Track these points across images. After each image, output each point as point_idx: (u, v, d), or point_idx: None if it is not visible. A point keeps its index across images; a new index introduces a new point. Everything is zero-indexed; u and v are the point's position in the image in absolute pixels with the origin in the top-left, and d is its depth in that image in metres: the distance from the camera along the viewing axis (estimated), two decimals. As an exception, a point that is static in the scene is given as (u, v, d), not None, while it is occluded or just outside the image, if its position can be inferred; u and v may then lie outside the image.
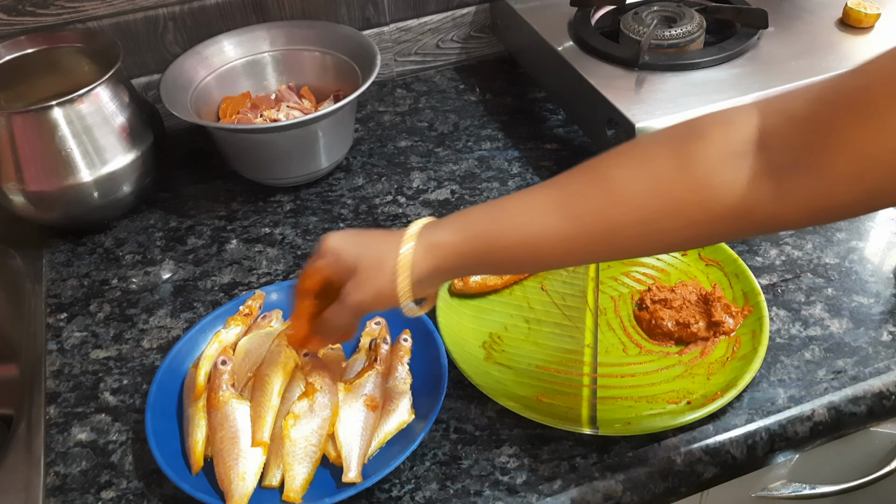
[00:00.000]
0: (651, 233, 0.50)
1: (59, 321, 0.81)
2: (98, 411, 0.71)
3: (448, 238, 0.54)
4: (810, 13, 0.95)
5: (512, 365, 0.72)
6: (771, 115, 0.48)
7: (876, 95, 0.42)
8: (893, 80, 0.42)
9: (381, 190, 0.95)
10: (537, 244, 0.53)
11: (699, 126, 0.50)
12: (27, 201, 0.84)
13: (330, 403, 0.65)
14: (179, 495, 0.63)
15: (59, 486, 0.65)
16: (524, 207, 0.54)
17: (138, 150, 0.87)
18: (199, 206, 0.94)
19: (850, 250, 0.81)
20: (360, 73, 0.94)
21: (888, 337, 0.72)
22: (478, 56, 1.18)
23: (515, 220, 0.53)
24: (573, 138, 1.01)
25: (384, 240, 0.57)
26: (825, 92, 0.46)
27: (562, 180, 0.53)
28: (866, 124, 0.43)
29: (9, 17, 0.93)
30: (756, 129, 0.48)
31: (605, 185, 0.51)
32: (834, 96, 0.45)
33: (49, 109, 0.81)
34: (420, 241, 0.55)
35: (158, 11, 0.99)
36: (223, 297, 0.82)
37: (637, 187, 0.50)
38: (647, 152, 0.52)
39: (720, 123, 0.49)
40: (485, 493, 0.62)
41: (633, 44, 0.90)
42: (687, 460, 0.64)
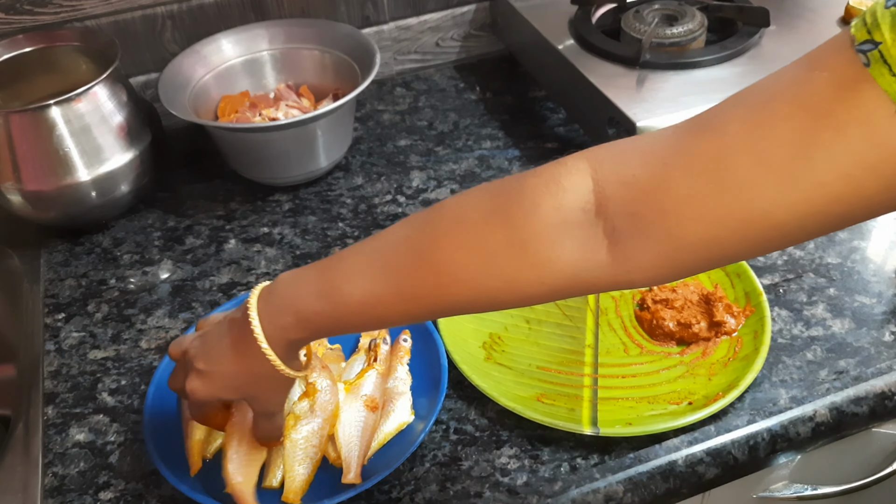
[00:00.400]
0: (488, 304, 0.49)
1: (57, 321, 0.80)
2: (96, 412, 0.71)
3: (287, 322, 0.52)
4: (812, 12, 0.95)
5: (512, 365, 0.71)
6: (607, 181, 0.45)
7: (734, 159, 0.40)
8: (749, 138, 0.40)
9: (381, 189, 0.94)
10: (378, 316, 0.51)
11: (529, 194, 0.46)
12: (25, 201, 0.84)
13: (330, 404, 0.65)
14: (178, 496, 0.63)
15: (57, 487, 0.65)
16: (356, 291, 0.51)
17: (136, 150, 0.86)
18: (198, 206, 0.94)
19: (852, 250, 0.81)
20: (359, 71, 0.94)
21: (890, 337, 0.72)
22: (478, 55, 1.18)
23: (350, 308, 0.51)
24: (574, 137, 1.00)
25: (236, 359, 0.54)
26: (668, 155, 0.43)
27: (390, 260, 0.50)
28: (724, 192, 0.40)
29: (6, 15, 0.93)
30: (591, 195, 0.45)
31: (436, 270, 0.48)
32: (681, 160, 0.42)
33: (47, 108, 0.80)
34: (269, 334, 0.52)
35: (157, 10, 0.98)
36: (222, 298, 0.82)
37: (470, 271, 0.48)
38: (476, 230, 0.48)
39: (551, 192, 0.46)
40: (485, 495, 0.62)
41: (635, 42, 0.90)
42: (688, 461, 0.64)
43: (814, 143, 0.39)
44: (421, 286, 0.49)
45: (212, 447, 0.65)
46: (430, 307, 0.50)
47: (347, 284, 0.51)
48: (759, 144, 0.40)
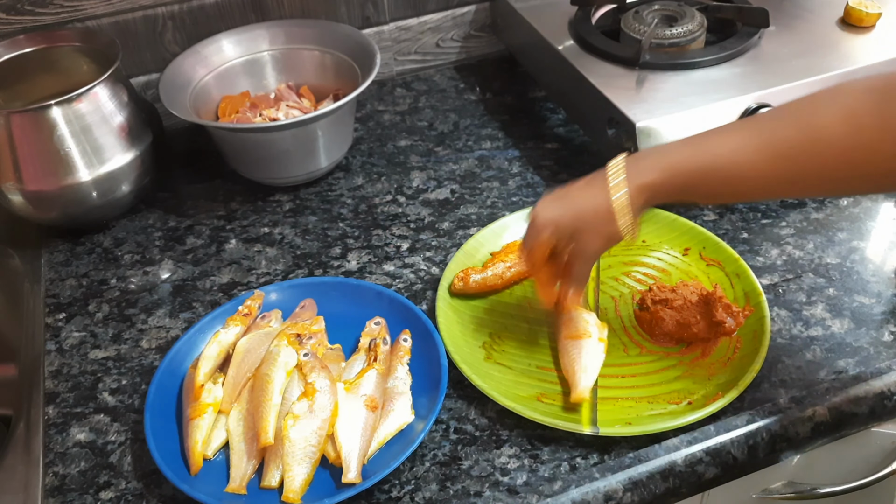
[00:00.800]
0: (848, 177, 0.55)
1: (58, 321, 0.81)
2: (97, 411, 0.71)
3: (653, 178, 0.60)
4: (811, 12, 0.95)
5: (512, 365, 0.72)
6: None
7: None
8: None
9: (381, 189, 0.95)
10: (739, 183, 0.58)
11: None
12: (26, 201, 0.84)
13: (330, 404, 0.65)
14: (178, 496, 0.63)
15: (57, 487, 0.65)
16: (726, 148, 0.58)
17: (137, 150, 0.87)
18: (198, 206, 0.94)
19: (851, 250, 0.81)
20: (359, 72, 0.94)
21: (889, 337, 0.72)
22: (478, 55, 1.18)
23: (718, 162, 0.58)
24: (573, 137, 1.01)
25: (591, 193, 0.63)
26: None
27: (762, 124, 0.57)
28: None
29: (7, 16, 0.93)
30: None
31: (810, 132, 0.54)
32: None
33: (48, 109, 0.80)
34: (629, 185, 0.61)
35: (157, 10, 0.99)
36: (222, 297, 0.82)
37: (840, 137, 0.53)
38: (854, 106, 0.53)
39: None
40: (485, 494, 0.62)
41: (634, 43, 0.90)
42: (688, 461, 0.64)
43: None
44: (793, 146, 0.55)
45: (212, 446, 0.65)
46: (797, 172, 0.56)
47: (720, 138, 0.59)
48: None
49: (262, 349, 0.70)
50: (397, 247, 0.86)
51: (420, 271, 0.83)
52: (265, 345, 0.71)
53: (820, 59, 0.86)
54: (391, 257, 0.85)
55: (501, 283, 0.78)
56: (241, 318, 0.74)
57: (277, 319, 0.75)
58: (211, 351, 0.71)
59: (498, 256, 0.80)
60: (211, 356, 0.71)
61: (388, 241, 0.87)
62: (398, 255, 0.85)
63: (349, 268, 0.84)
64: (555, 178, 0.94)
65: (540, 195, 0.91)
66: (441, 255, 0.84)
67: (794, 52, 0.88)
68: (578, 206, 0.64)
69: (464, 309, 0.77)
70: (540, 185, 0.93)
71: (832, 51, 0.87)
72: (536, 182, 0.93)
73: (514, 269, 0.78)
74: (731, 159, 0.57)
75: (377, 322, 0.74)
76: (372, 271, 0.83)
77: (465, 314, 0.76)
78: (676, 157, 0.60)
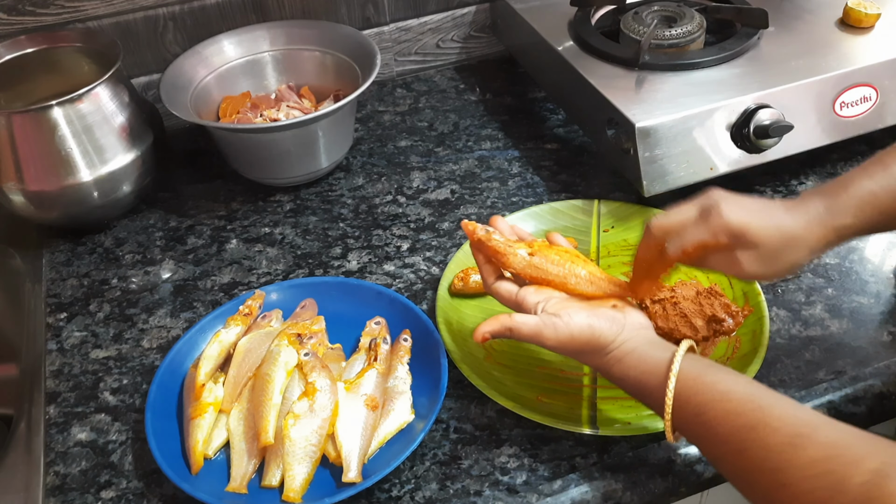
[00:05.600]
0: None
1: (59, 321, 0.81)
2: (98, 411, 0.71)
3: (848, 222, 0.59)
4: (810, 13, 0.95)
5: (512, 365, 0.72)
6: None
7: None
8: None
9: (381, 190, 0.95)
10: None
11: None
12: (27, 201, 0.84)
13: (330, 403, 0.65)
14: (179, 495, 0.63)
15: (58, 486, 0.65)
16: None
17: (138, 150, 0.87)
18: (199, 206, 0.94)
19: (850, 250, 0.81)
20: (360, 72, 0.94)
21: (888, 337, 0.72)
22: (478, 56, 1.18)
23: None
24: (573, 138, 1.01)
25: (786, 219, 0.59)
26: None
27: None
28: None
29: (8, 16, 0.93)
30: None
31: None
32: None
33: (49, 109, 0.81)
34: (823, 227, 0.59)
35: (158, 11, 0.99)
36: (223, 297, 0.82)
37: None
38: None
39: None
40: (485, 493, 0.62)
41: (634, 43, 0.90)
42: (687, 460, 0.64)
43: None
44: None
45: (213, 446, 0.65)
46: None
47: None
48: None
49: (263, 349, 0.71)
50: (397, 247, 0.86)
51: (420, 271, 0.83)
52: (266, 344, 0.71)
53: (819, 59, 0.86)
54: (391, 257, 0.85)
55: (501, 283, 0.78)
56: (242, 318, 0.74)
57: (278, 319, 0.75)
58: (212, 350, 0.71)
59: (498, 256, 0.80)
60: (212, 356, 0.71)
61: (388, 241, 0.87)
62: (398, 255, 0.85)
63: (349, 268, 0.84)
64: (554, 178, 0.94)
65: (540, 195, 0.91)
66: (441, 255, 0.85)
67: (793, 53, 0.88)
68: (770, 227, 0.59)
69: (464, 309, 0.77)
70: (540, 186, 0.93)
71: (831, 51, 0.87)
72: (536, 182, 0.94)
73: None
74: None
75: (377, 322, 0.74)
76: (372, 271, 0.83)
77: (465, 314, 0.76)
78: (867, 197, 0.59)
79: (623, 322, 0.60)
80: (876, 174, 0.60)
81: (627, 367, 0.58)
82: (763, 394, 0.52)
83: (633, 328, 0.60)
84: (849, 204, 0.59)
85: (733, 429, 0.51)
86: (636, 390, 0.59)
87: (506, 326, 0.60)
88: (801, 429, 0.49)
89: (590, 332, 0.59)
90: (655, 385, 0.56)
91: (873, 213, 0.59)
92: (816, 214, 0.59)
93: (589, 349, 0.59)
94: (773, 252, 0.58)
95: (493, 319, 0.61)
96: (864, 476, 0.44)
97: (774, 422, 0.50)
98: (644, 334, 0.60)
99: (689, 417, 0.54)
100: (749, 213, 0.59)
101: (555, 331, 0.59)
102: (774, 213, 0.59)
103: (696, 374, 0.55)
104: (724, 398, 0.53)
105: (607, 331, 0.59)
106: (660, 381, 0.56)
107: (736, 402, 0.52)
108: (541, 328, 0.59)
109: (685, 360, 0.56)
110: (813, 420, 0.49)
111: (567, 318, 0.59)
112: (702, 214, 0.59)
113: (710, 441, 0.53)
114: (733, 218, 0.58)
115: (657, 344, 0.59)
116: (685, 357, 0.56)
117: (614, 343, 0.59)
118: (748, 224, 0.58)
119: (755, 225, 0.58)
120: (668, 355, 0.56)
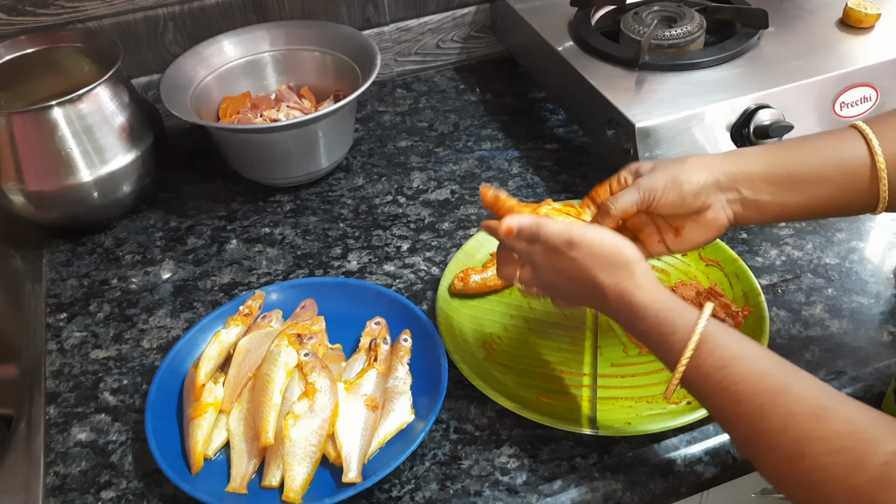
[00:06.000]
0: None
1: (59, 321, 0.81)
2: (98, 411, 0.71)
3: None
4: (810, 13, 0.95)
5: (512, 365, 0.72)
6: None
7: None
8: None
9: (381, 190, 0.95)
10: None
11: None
12: (27, 201, 0.84)
13: (330, 403, 0.65)
14: (179, 495, 0.63)
15: (58, 486, 0.65)
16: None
17: (138, 150, 0.87)
18: (199, 206, 0.94)
19: (850, 250, 0.81)
20: (360, 72, 0.94)
21: (888, 337, 0.72)
22: (478, 56, 1.18)
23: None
24: (573, 138, 1.01)
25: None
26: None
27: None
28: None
29: (9, 16, 0.93)
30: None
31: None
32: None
33: (49, 109, 0.81)
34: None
35: (158, 11, 0.99)
36: (223, 297, 0.82)
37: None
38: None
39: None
40: (485, 494, 0.62)
41: (634, 44, 0.90)
42: (687, 461, 0.64)
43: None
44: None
45: (213, 446, 0.65)
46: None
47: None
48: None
49: (263, 349, 0.71)
50: (397, 247, 0.86)
51: (420, 271, 0.83)
52: (266, 345, 0.71)
53: (819, 59, 0.86)
54: (391, 257, 0.85)
55: (501, 284, 0.78)
56: (242, 318, 0.74)
57: (278, 319, 0.75)
58: (212, 351, 0.71)
59: (498, 257, 0.80)
60: (212, 356, 0.71)
61: (388, 242, 0.87)
62: (398, 255, 0.85)
63: (349, 268, 0.84)
64: (555, 178, 0.94)
65: (540, 196, 0.91)
66: (441, 256, 0.85)
67: (793, 53, 0.88)
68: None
69: (464, 309, 0.77)
70: (540, 186, 0.93)
71: (831, 51, 0.87)
72: (536, 182, 0.94)
73: (514, 270, 0.78)
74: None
75: (377, 322, 0.74)
76: (372, 271, 0.83)
77: (465, 314, 0.76)
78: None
79: (642, 253, 0.59)
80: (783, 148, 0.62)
81: (650, 300, 0.55)
82: (789, 364, 0.52)
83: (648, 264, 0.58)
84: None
85: (757, 390, 0.50)
86: (655, 328, 0.55)
87: (535, 222, 0.58)
88: (826, 401, 0.48)
89: (617, 242, 0.57)
90: (681, 325, 0.54)
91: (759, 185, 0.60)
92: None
93: (612, 263, 0.56)
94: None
95: (521, 214, 0.59)
96: (884, 457, 0.44)
97: (800, 390, 0.49)
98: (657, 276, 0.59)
99: (709, 369, 0.52)
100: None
101: (584, 232, 0.57)
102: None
103: (725, 329, 0.54)
104: (752, 357, 0.52)
105: (631, 248, 0.57)
106: (686, 322, 0.54)
107: (766, 364, 0.51)
108: (571, 227, 0.57)
109: (713, 321, 0.54)
110: (836, 395, 0.49)
111: (597, 230, 0.57)
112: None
113: (727, 398, 0.51)
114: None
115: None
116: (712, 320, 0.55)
117: (638, 265, 0.56)
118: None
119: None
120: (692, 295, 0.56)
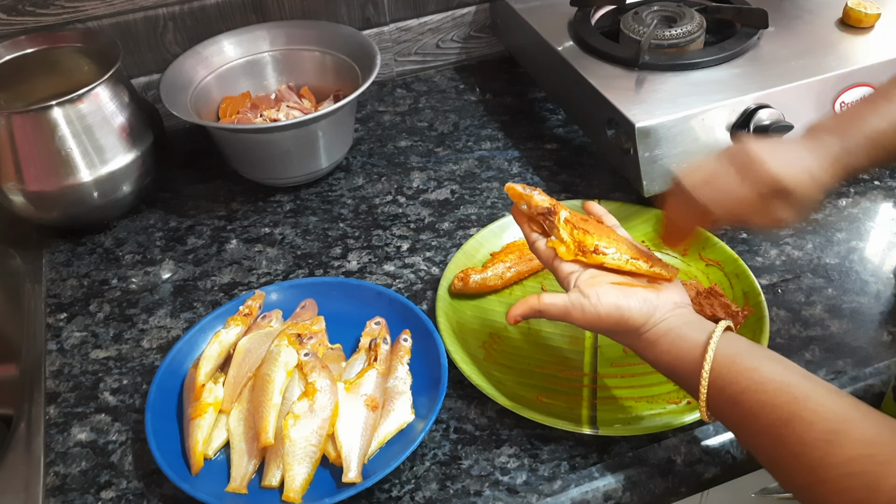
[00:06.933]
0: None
1: (59, 321, 0.81)
2: (98, 411, 0.71)
3: (861, 162, 0.60)
4: (810, 13, 0.95)
5: (512, 365, 0.72)
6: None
7: None
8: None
9: (381, 190, 0.95)
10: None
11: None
12: (27, 201, 0.84)
13: (330, 403, 0.65)
14: (179, 495, 0.63)
15: (58, 487, 0.65)
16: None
17: (138, 150, 0.87)
18: (199, 206, 0.94)
19: (850, 250, 0.81)
20: (360, 72, 0.94)
21: (888, 337, 0.72)
22: (478, 56, 1.18)
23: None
24: (573, 138, 1.01)
25: (813, 164, 0.59)
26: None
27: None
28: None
29: (8, 16, 0.93)
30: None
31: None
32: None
33: (49, 109, 0.81)
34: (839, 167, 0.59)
35: (158, 11, 0.99)
36: (223, 297, 0.82)
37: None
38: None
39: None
40: (485, 493, 0.62)
41: (634, 44, 0.90)
42: (687, 460, 0.64)
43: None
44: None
45: (213, 446, 0.65)
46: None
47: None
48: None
49: (263, 349, 0.71)
50: (397, 247, 0.86)
51: (420, 271, 0.83)
52: (266, 345, 0.71)
53: (819, 59, 0.86)
54: (391, 257, 0.85)
55: (501, 283, 0.78)
56: (242, 318, 0.74)
57: (278, 319, 0.75)
58: (212, 351, 0.71)
59: (498, 256, 0.80)
60: (212, 356, 0.71)
61: (388, 242, 0.87)
62: (398, 255, 0.85)
63: (349, 268, 0.84)
64: (554, 178, 0.94)
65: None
66: (441, 256, 0.85)
67: (793, 53, 0.88)
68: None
69: (464, 309, 0.77)
70: (540, 186, 0.93)
71: (831, 51, 0.87)
72: (536, 182, 0.94)
73: (514, 269, 0.79)
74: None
75: (377, 322, 0.74)
76: (372, 271, 0.83)
77: (465, 314, 0.76)
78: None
79: (655, 303, 0.58)
80: (882, 108, 0.60)
81: (661, 352, 0.57)
82: (799, 381, 0.51)
83: (668, 308, 0.58)
84: (860, 143, 0.59)
85: (768, 422, 0.50)
86: (671, 374, 0.58)
87: (535, 308, 0.59)
88: (837, 424, 0.48)
89: (618, 314, 0.57)
90: (690, 372, 0.55)
91: (879, 151, 0.59)
92: (833, 154, 0.59)
93: (619, 330, 0.58)
94: (804, 197, 0.59)
95: (522, 302, 0.60)
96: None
97: (809, 415, 0.49)
98: (680, 314, 0.58)
99: (726, 406, 0.53)
100: (785, 162, 0.58)
101: (582, 312, 0.58)
102: (804, 158, 0.59)
103: (731, 360, 0.53)
104: (758, 388, 0.51)
105: (637, 312, 0.57)
106: (694, 367, 0.54)
107: (771, 392, 0.51)
108: (569, 309, 0.58)
109: (721, 343, 0.54)
110: (848, 414, 0.48)
111: (595, 300, 0.58)
112: (739, 169, 0.59)
113: (747, 431, 0.52)
114: (774, 170, 0.58)
115: (693, 324, 0.57)
116: (721, 339, 0.55)
117: (646, 325, 0.57)
118: (786, 174, 0.58)
119: (791, 174, 0.58)
120: (703, 338, 0.55)
